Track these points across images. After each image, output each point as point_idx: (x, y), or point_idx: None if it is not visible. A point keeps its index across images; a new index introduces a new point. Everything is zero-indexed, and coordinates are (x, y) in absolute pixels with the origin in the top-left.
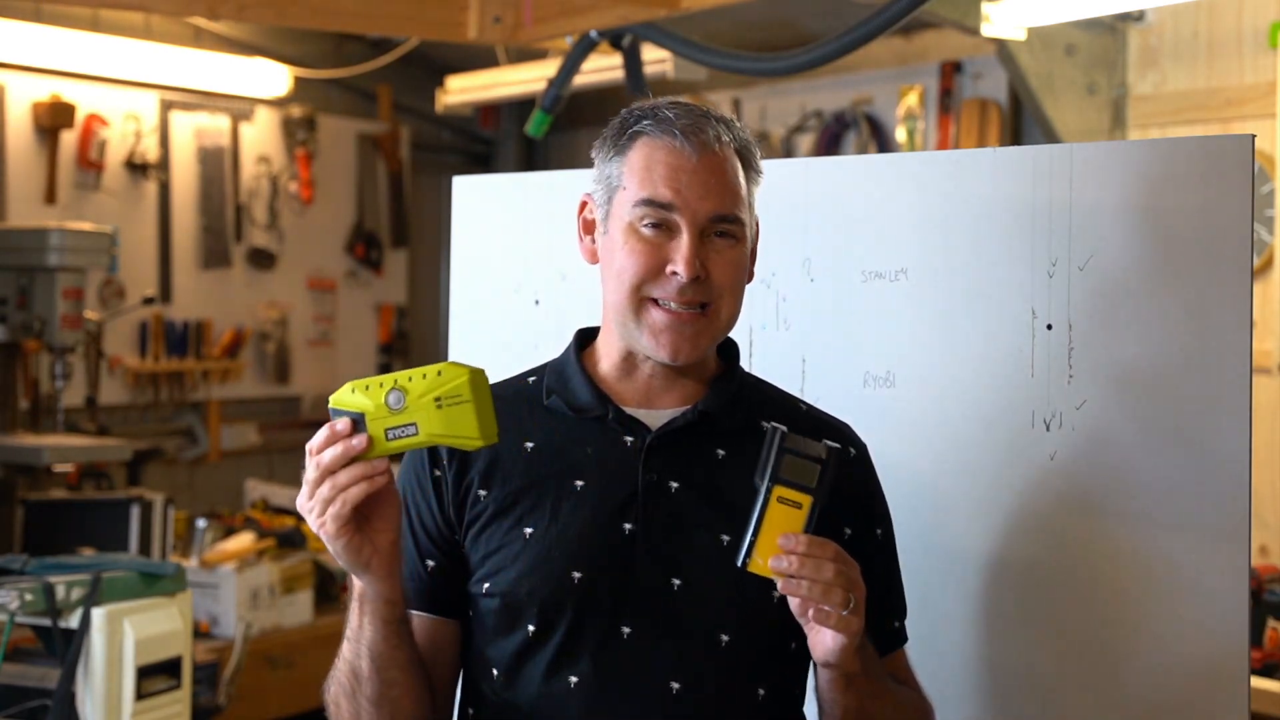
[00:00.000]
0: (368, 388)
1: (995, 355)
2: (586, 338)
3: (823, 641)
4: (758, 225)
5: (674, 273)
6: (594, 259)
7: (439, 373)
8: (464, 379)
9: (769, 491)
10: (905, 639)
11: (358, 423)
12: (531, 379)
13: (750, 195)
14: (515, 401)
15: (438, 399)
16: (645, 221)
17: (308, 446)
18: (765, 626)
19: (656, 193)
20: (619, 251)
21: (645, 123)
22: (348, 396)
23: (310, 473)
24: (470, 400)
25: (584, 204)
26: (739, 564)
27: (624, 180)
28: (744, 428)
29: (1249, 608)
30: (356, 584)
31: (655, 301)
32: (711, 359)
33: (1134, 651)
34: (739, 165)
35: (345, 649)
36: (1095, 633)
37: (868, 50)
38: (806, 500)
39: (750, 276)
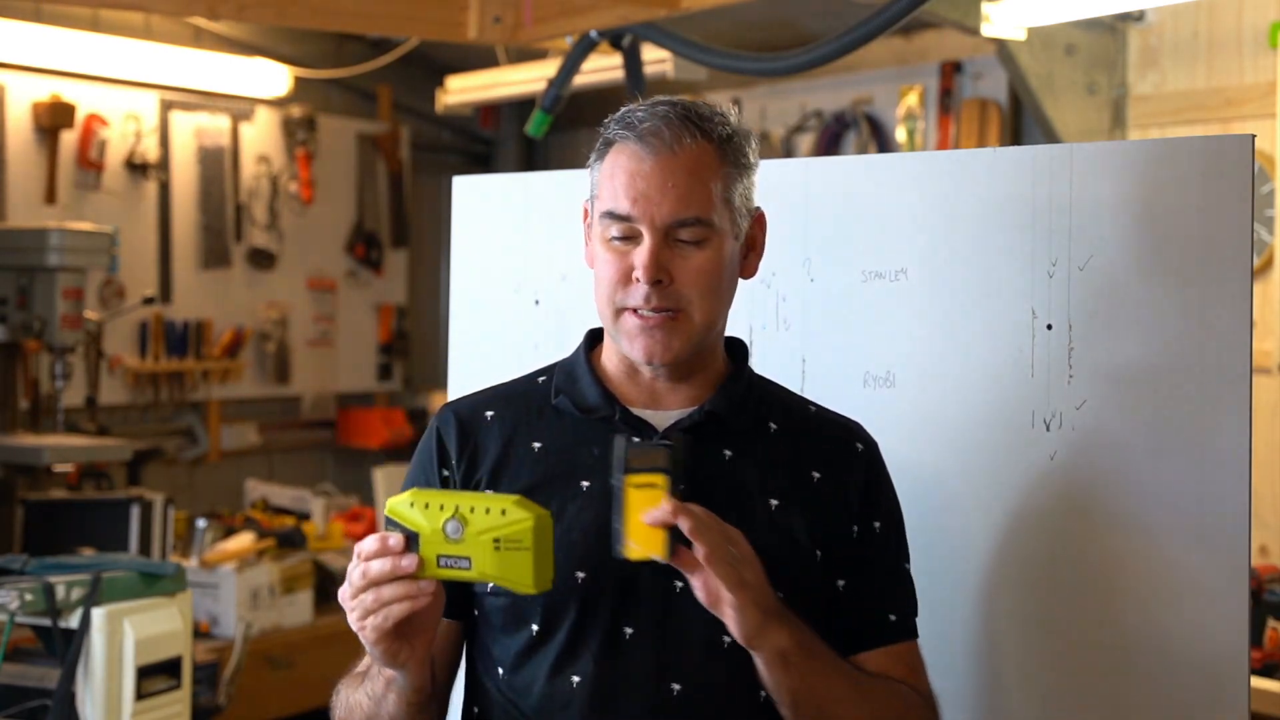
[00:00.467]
0: (427, 505)
1: (995, 355)
2: (597, 337)
3: (729, 616)
4: (758, 219)
5: (637, 279)
6: (591, 264)
7: (503, 511)
8: (528, 525)
9: (623, 484)
10: (909, 635)
11: (411, 540)
12: (541, 378)
13: (730, 191)
14: (525, 401)
15: (497, 540)
16: (611, 233)
17: (356, 548)
18: None
19: (617, 204)
20: (597, 261)
21: (615, 128)
22: (406, 510)
23: (355, 577)
24: (530, 548)
25: (585, 211)
26: (616, 555)
27: (598, 189)
28: (751, 429)
29: (1249, 608)
30: (385, 670)
31: (628, 310)
32: (719, 359)
33: (1134, 651)
34: (713, 162)
35: (364, 700)
36: (1095, 632)
37: (868, 50)
38: (661, 479)
39: (752, 272)
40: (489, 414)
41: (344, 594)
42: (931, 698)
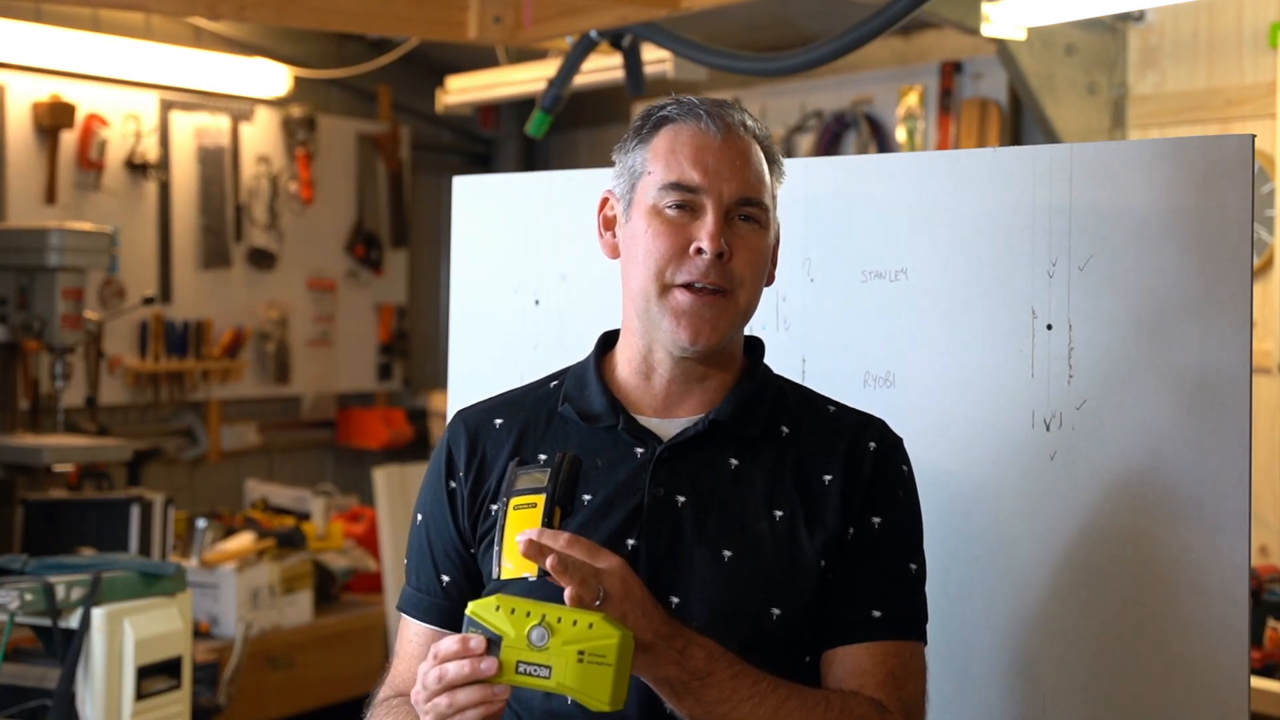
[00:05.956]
0: (513, 611)
1: (995, 355)
2: (609, 342)
3: None
4: (779, 227)
5: (699, 250)
6: (615, 254)
7: (590, 625)
8: (614, 641)
9: (505, 506)
10: (899, 635)
11: (493, 644)
12: (553, 383)
13: (774, 187)
14: (536, 407)
15: (581, 652)
16: (669, 203)
17: (433, 649)
18: (766, 644)
19: (683, 175)
20: (643, 236)
21: (669, 108)
22: (490, 614)
23: (430, 680)
24: (613, 665)
25: (604, 201)
26: (495, 577)
27: (648, 166)
28: (760, 435)
29: (1249, 608)
30: None
31: (679, 286)
32: (736, 360)
33: (1134, 651)
34: (762, 155)
35: None
36: (1095, 632)
37: (868, 50)
38: (540, 499)
39: (771, 279)
40: (498, 421)
41: (417, 697)
42: (909, 708)
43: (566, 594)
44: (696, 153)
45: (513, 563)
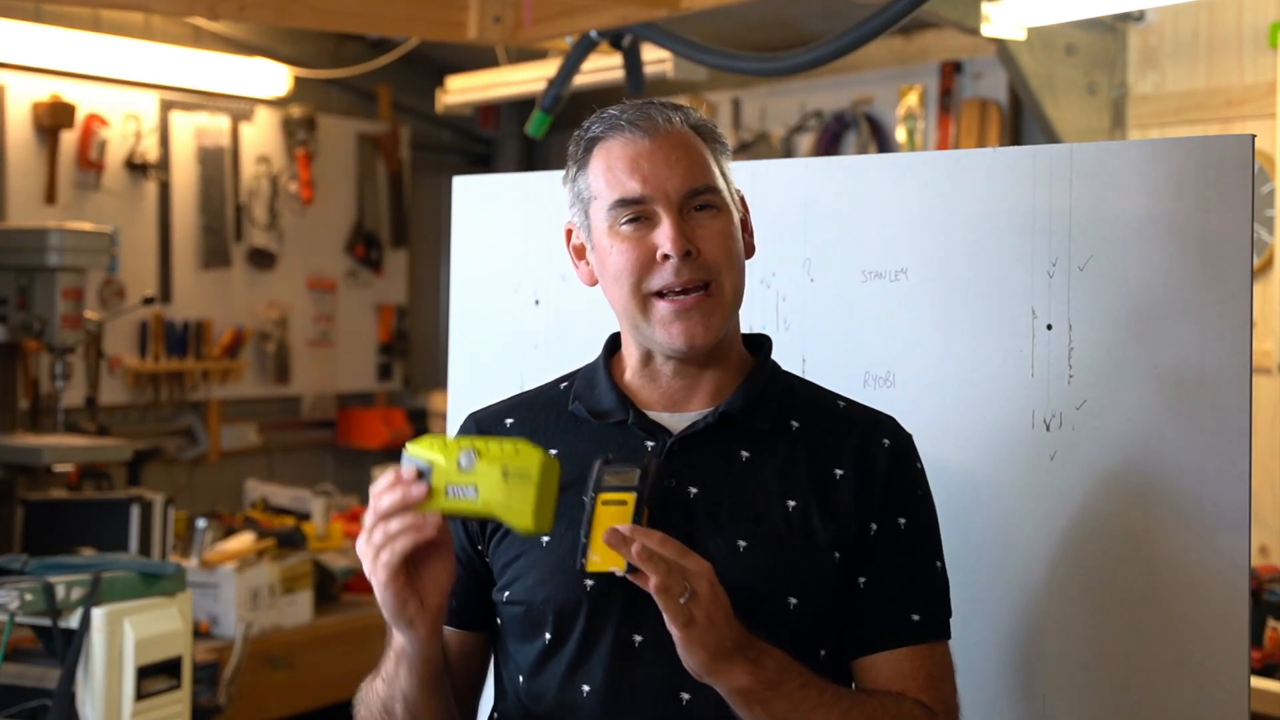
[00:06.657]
0: (445, 445)
1: (995, 355)
2: (618, 343)
3: (679, 646)
4: (744, 199)
5: (665, 256)
6: (592, 281)
7: (516, 449)
8: (537, 459)
9: (594, 500)
10: (934, 636)
11: (424, 473)
12: (563, 384)
13: (721, 165)
14: (545, 407)
15: (505, 469)
16: (623, 220)
17: (371, 489)
18: (783, 635)
19: (625, 189)
20: (610, 259)
21: (594, 129)
22: (424, 447)
23: (368, 518)
24: (535, 481)
25: (569, 232)
26: (578, 568)
27: (593, 190)
28: (770, 429)
29: (1249, 608)
30: (396, 637)
31: (658, 295)
32: (738, 352)
33: (1134, 651)
34: (699, 140)
35: (380, 686)
36: (1095, 633)
37: (868, 50)
38: (630, 497)
39: (750, 251)
40: (509, 421)
41: (361, 542)
42: (949, 709)
43: (652, 583)
44: (631, 163)
45: (600, 555)
